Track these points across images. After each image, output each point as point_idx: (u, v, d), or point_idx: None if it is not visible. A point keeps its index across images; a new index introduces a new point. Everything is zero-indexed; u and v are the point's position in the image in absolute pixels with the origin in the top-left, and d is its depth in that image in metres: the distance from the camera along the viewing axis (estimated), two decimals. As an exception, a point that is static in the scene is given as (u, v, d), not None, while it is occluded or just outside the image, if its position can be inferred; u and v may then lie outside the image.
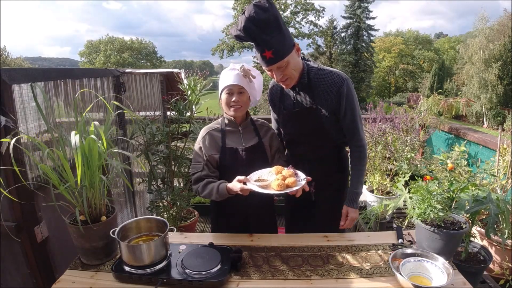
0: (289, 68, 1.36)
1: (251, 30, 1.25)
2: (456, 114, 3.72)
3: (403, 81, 34.72)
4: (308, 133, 1.56)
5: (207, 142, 1.50)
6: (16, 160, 1.31)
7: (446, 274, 1.11)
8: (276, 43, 1.28)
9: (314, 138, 1.56)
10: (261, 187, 1.24)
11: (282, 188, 1.22)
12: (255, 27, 1.24)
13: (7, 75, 1.31)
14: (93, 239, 1.24)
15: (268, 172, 1.36)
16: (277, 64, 1.33)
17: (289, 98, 1.55)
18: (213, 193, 1.40)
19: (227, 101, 1.47)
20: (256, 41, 1.29)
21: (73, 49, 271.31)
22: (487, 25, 20.31)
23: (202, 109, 2.60)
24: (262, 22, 1.24)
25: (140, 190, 2.75)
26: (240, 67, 1.46)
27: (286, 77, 1.39)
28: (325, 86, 1.44)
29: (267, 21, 1.24)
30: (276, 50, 1.29)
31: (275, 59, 1.32)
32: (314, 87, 1.46)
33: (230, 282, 1.17)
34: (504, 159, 2.07)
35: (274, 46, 1.29)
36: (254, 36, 1.27)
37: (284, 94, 1.56)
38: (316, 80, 1.45)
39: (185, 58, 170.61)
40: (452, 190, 1.30)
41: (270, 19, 1.25)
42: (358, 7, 28.10)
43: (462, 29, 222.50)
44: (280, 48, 1.30)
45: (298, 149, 1.64)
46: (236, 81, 1.45)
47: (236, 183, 1.30)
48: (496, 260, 1.72)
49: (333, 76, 1.43)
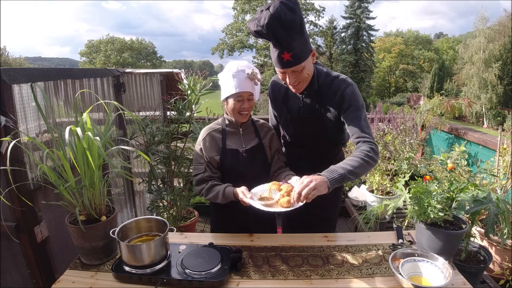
0: (304, 72, 1.32)
1: (275, 29, 1.19)
2: (458, 115, 3.72)
3: (403, 81, 34.74)
4: (309, 137, 1.54)
5: (208, 143, 1.49)
6: (16, 160, 1.31)
7: (446, 274, 1.11)
8: (297, 46, 1.24)
9: (315, 141, 1.55)
10: (267, 206, 1.25)
11: (290, 205, 1.23)
12: (279, 26, 1.18)
13: (7, 75, 1.31)
14: (93, 239, 1.24)
15: (269, 189, 1.35)
16: (294, 68, 1.29)
17: (294, 102, 1.50)
18: (219, 196, 1.40)
19: (237, 108, 1.43)
20: (277, 41, 1.23)
21: (73, 49, 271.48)
22: (487, 25, 20.33)
23: (202, 109, 2.60)
24: (288, 23, 1.18)
25: (140, 190, 2.75)
26: (251, 72, 1.42)
27: (299, 81, 1.35)
28: (332, 90, 1.41)
29: (292, 23, 1.19)
30: (295, 53, 1.25)
31: (293, 63, 1.27)
32: (321, 93, 1.42)
33: (230, 282, 1.17)
34: (504, 159, 2.07)
35: (294, 49, 1.24)
36: (276, 36, 1.21)
37: (289, 96, 1.52)
38: (323, 85, 1.42)
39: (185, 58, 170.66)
40: (452, 190, 1.30)
41: (296, 21, 1.20)
42: (358, 7, 28.12)
43: (463, 29, 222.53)
44: (300, 52, 1.26)
45: (297, 150, 1.64)
46: (248, 88, 1.41)
47: (241, 194, 1.31)
48: (496, 260, 1.72)
49: (339, 81, 1.40)
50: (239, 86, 1.40)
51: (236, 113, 1.45)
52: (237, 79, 1.40)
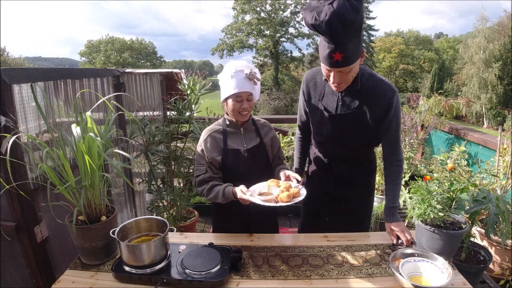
0: (349, 74, 1.30)
1: (334, 27, 1.13)
2: (456, 115, 3.72)
3: (403, 81, 34.73)
4: (346, 137, 1.51)
5: (209, 144, 1.49)
6: (16, 160, 1.31)
7: (446, 274, 1.11)
8: (350, 48, 1.20)
9: (352, 142, 1.53)
10: (266, 201, 1.26)
11: (290, 199, 1.26)
12: (340, 25, 1.12)
13: (7, 75, 1.31)
14: (93, 239, 1.24)
15: (267, 186, 1.37)
16: (342, 68, 1.26)
17: (332, 99, 1.47)
18: (219, 196, 1.40)
19: (237, 108, 1.43)
20: (332, 39, 1.18)
21: (73, 49, 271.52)
22: (487, 25, 20.34)
23: (202, 108, 2.60)
24: (350, 23, 1.13)
25: (140, 190, 2.75)
26: (250, 72, 1.42)
27: (343, 81, 1.32)
28: (376, 94, 1.38)
29: (353, 23, 1.14)
30: (347, 55, 1.21)
31: (342, 64, 1.23)
32: (364, 93, 1.40)
33: (230, 282, 1.17)
34: (504, 159, 2.07)
35: (347, 51, 1.20)
36: (333, 34, 1.15)
37: (327, 93, 1.48)
38: (367, 86, 1.39)
39: (185, 58, 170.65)
40: (452, 190, 1.30)
41: (357, 22, 1.15)
42: (358, 7, 28.02)
43: (463, 29, 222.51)
44: (352, 54, 1.22)
45: (331, 150, 1.61)
46: (247, 88, 1.41)
47: (240, 192, 1.31)
48: (496, 260, 1.72)
49: (385, 86, 1.38)
50: (237, 87, 1.40)
51: (236, 113, 1.46)
52: (236, 79, 1.41)
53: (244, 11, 27.73)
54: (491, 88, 19.50)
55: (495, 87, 19.43)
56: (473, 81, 20.30)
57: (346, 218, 1.66)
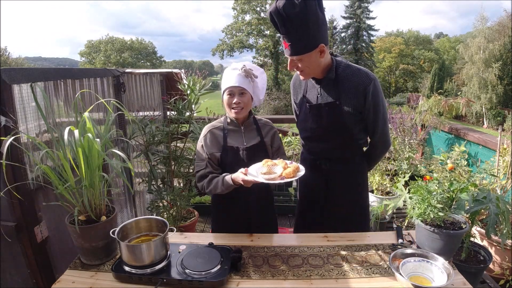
0: (303, 64, 1.38)
1: (274, 19, 1.29)
2: (456, 114, 3.72)
3: (403, 81, 34.74)
4: (329, 129, 1.52)
5: (209, 140, 1.51)
6: (16, 160, 1.31)
7: (446, 274, 1.11)
8: (294, 39, 1.30)
9: (334, 134, 1.53)
10: (271, 179, 1.26)
11: (295, 173, 1.28)
12: (279, 17, 1.26)
13: (7, 75, 1.31)
14: (93, 239, 1.24)
15: (265, 165, 1.36)
16: (295, 57, 1.36)
17: (313, 92, 1.53)
18: (219, 186, 1.42)
19: (228, 102, 1.48)
20: (276, 28, 1.33)
21: (73, 49, 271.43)
22: (487, 25, 20.34)
23: (202, 109, 2.60)
24: (286, 16, 1.25)
25: (140, 190, 2.75)
26: (242, 67, 1.46)
27: (300, 70, 1.41)
28: (352, 83, 1.43)
29: (291, 16, 1.24)
30: (293, 45, 1.31)
31: (291, 53, 1.34)
32: (341, 83, 1.44)
33: (230, 282, 1.17)
34: (504, 159, 2.07)
35: (292, 41, 1.30)
36: (276, 25, 1.31)
37: (309, 88, 1.56)
38: (343, 76, 1.44)
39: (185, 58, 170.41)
40: (452, 190, 1.30)
41: (300, 16, 1.25)
42: (358, 7, 28.13)
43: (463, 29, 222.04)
44: (298, 45, 1.31)
45: (317, 147, 1.61)
46: (237, 82, 1.44)
47: (240, 174, 1.32)
48: (496, 260, 1.72)
49: (361, 74, 1.42)
50: (230, 81, 1.46)
51: (229, 108, 1.49)
52: (229, 75, 1.48)
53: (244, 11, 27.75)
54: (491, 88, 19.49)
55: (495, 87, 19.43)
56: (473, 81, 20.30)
57: (339, 219, 1.64)
